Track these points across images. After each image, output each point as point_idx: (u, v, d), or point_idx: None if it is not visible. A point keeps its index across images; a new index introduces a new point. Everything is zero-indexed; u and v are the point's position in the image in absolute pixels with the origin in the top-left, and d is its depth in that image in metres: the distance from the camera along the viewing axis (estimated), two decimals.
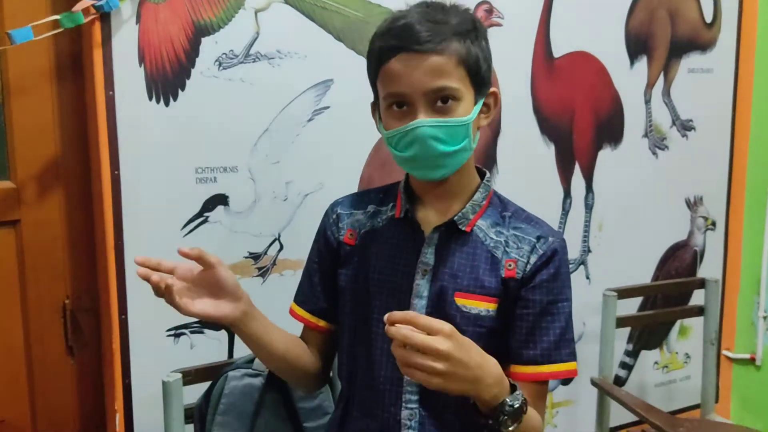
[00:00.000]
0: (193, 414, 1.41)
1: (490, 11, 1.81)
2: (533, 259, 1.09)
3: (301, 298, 1.25)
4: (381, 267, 1.13)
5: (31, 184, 1.55)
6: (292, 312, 1.26)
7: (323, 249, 1.22)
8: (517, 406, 0.95)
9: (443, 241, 1.11)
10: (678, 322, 2.30)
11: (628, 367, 2.23)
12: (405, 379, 1.10)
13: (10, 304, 1.56)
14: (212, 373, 1.42)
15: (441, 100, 1.02)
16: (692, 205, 2.26)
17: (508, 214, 1.13)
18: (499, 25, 1.82)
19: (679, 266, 2.25)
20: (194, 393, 1.42)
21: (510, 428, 0.96)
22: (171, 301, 1.00)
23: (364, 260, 1.15)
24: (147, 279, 0.98)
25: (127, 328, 1.53)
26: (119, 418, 1.55)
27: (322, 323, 1.22)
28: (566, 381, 2.08)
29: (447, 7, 1.07)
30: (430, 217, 1.13)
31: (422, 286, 1.10)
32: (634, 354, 2.23)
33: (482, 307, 1.08)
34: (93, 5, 1.38)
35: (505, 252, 1.10)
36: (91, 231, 1.60)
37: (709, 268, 2.30)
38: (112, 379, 1.55)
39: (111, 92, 1.44)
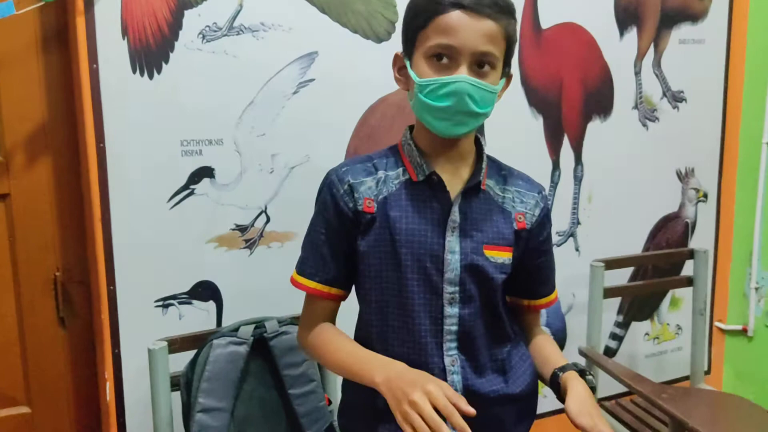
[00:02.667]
0: (180, 381, 1.44)
1: None
2: (537, 211, 1.24)
3: (310, 271, 1.23)
4: (408, 229, 1.17)
5: (19, 157, 1.57)
6: (298, 284, 1.23)
7: (335, 220, 1.20)
8: (595, 383, 1.16)
9: (464, 199, 1.19)
10: (669, 294, 2.31)
11: (618, 338, 2.24)
12: (444, 328, 1.17)
13: (2, 277, 1.59)
14: (198, 341, 1.45)
15: (479, 65, 1.10)
16: (683, 176, 2.26)
17: (505, 173, 1.26)
18: None
19: (670, 238, 2.26)
20: (182, 361, 1.45)
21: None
22: None
23: (386, 225, 1.17)
24: None
25: (115, 299, 1.55)
26: (109, 387, 1.58)
27: (334, 290, 1.23)
28: None
29: None
30: (445, 178, 1.19)
31: (453, 242, 1.17)
32: (624, 325, 2.24)
33: (505, 256, 1.20)
34: None
35: (513, 207, 1.22)
36: (81, 204, 1.62)
37: (700, 240, 2.30)
38: (102, 349, 1.58)
39: (95, 65, 1.46)
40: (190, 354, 1.45)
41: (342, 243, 1.21)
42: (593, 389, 1.13)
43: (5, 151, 1.55)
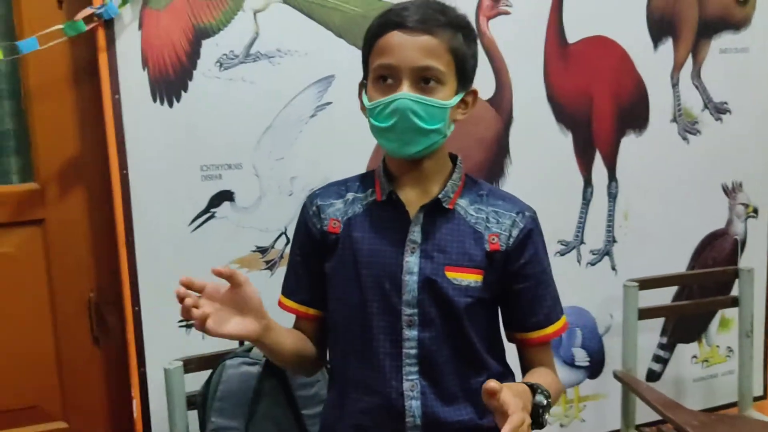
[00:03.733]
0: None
1: (497, 0, 1.79)
2: (515, 232, 1.17)
3: (288, 291, 1.30)
4: (369, 249, 1.18)
5: (54, 184, 1.65)
6: (281, 304, 1.30)
7: (305, 241, 1.26)
8: (545, 404, 1.05)
9: (428, 219, 1.17)
10: (718, 314, 2.20)
11: (662, 360, 2.15)
12: (404, 351, 1.15)
13: (39, 299, 1.68)
14: (213, 361, 1.48)
15: (424, 80, 1.09)
16: (730, 191, 2.15)
17: (484, 193, 1.21)
18: (507, 13, 1.80)
19: (717, 256, 2.15)
20: (201, 381, 1.48)
21: (548, 416, 1.05)
22: (199, 328, 1.03)
23: (350, 245, 1.19)
24: (181, 300, 1.01)
25: (140, 319, 1.61)
26: (136, 405, 1.63)
27: (311, 311, 1.27)
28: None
29: (446, 5, 1.15)
30: (411, 198, 1.19)
31: (412, 262, 1.15)
32: (668, 347, 2.15)
33: (471, 278, 1.15)
34: (94, 13, 1.47)
35: (486, 227, 1.17)
36: (112, 228, 1.68)
37: (751, 258, 2.18)
38: (129, 367, 1.63)
39: (117, 96, 1.52)
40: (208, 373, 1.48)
41: (315, 264, 1.23)
42: (539, 407, 1.03)
43: (41, 179, 1.64)
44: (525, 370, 1.25)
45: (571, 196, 1.96)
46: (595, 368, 2.04)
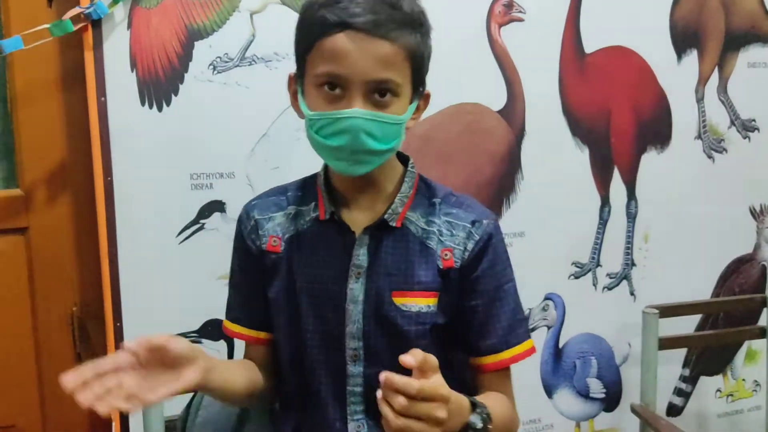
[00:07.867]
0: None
1: (509, 5, 1.69)
2: (470, 245, 1.03)
3: (233, 315, 1.15)
4: (310, 274, 1.05)
5: (38, 191, 1.57)
6: (226, 330, 1.16)
7: (245, 259, 1.12)
8: (480, 427, 0.89)
9: (374, 239, 1.03)
10: (745, 345, 2.06)
11: (684, 394, 2.01)
12: (347, 389, 1.03)
13: (20, 312, 1.59)
14: None
15: (379, 93, 0.94)
16: (758, 214, 2.02)
17: (437, 201, 1.07)
18: (520, 20, 1.71)
19: (743, 283, 2.02)
20: (183, 404, 1.38)
21: None
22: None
23: (292, 268, 1.06)
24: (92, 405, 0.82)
25: (122, 335, 1.51)
26: (115, 427, 1.53)
27: (262, 335, 1.13)
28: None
29: None
30: (356, 216, 1.05)
31: (356, 289, 1.02)
32: (691, 380, 2.01)
33: (422, 303, 1.02)
34: (83, 13, 1.39)
35: (439, 242, 1.03)
36: (97, 238, 1.60)
37: None
38: None
39: (103, 98, 1.45)
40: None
41: (258, 283, 1.09)
42: (471, 429, 0.88)
43: (25, 186, 1.56)
44: None
45: (587, 215, 1.84)
46: (611, 401, 1.91)
